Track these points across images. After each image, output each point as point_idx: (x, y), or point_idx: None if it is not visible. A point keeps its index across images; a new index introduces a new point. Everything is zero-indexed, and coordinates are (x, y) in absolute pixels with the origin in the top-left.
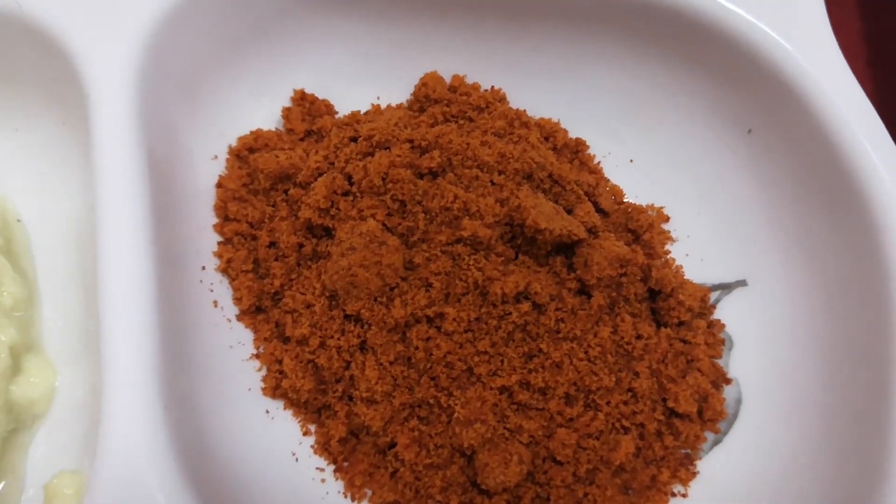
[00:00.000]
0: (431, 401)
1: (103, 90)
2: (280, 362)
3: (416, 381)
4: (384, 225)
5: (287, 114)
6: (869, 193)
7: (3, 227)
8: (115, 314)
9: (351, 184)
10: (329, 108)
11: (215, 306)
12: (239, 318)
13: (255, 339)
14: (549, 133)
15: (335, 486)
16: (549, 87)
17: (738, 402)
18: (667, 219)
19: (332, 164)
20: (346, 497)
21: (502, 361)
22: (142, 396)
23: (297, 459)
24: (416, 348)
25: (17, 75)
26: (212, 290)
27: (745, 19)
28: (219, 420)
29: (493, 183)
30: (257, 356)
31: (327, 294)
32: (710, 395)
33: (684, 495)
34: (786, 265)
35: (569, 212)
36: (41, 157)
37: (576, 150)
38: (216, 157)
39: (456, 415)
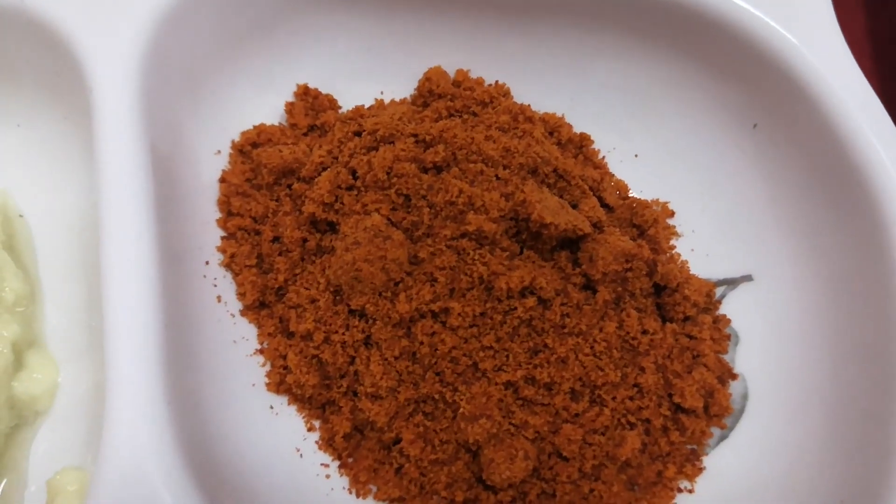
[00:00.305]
0: (436, 396)
1: (106, 85)
2: (284, 358)
3: (421, 377)
4: (388, 219)
5: (290, 109)
6: (875, 188)
7: (5, 222)
8: (119, 310)
9: (355, 178)
10: (332, 103)
11: (219, 301)
12: (243, 313)
13: (258, 335)
14: (554, 128)
15: (340, 482)
16: (553, 81)
17: (745, 397)
18: (672, 214)
19: (336, 158)
20: (350, 493)
21: (507, 356)
22: (146, 392)
23: (301, 455)
24: (421, 343)
25: (18, 70)
26: (215, 286)
27: (751, 13)
28: (223, 416)
29: (497, 177)
30: (261, 351)
31: (332, 289)
32: (716, 390)
33: (690, 491)
34: (792, 260)
35: (574, 206)
36: (43, 152)
37: (580, 145)
38: (219, 151)
39: (461, 410)
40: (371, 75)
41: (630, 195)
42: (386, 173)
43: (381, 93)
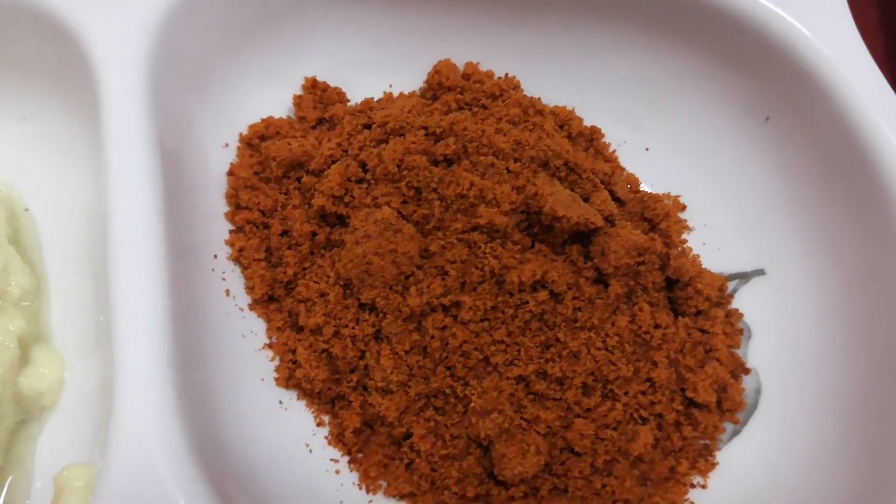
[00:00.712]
0: (447, 391)
1: (113, 78)
2: (293, 352)
3: (432, 371)
4: (399, 212)
5: (298, 102)
6: (889, 181)
7: (11, 216)
8: (127, 304)
9: (365, 171)
10: (341, 96)
11: (227, 295)
12: (251, 307)
13: (267, 329)
14: (564, 121)
15: (349, 477)
16: (563, 74)
17: (758, 392)
18: (683, 207)
19: (346, 151)
20: (360, 489)
21: (519, 351)
22: (154, 387)
23: (310, 451)
24: (432, 337)
25: (25, 63)
26: (224, 279)
27: (764, 6)
28: (231, 411)
29: (508, 170)
30: (270, 346)
31: (341, 283)
32: (729, 384)
33: (703, 486)
34: (804, 254)
35: (585, 200)
36: (49, 145)
37: (591, 139)
38: (227, 144)
39: (472, 405)
40: (380, 68)
41: (641, 189)
42: (396, 166)
43: (390, 86)
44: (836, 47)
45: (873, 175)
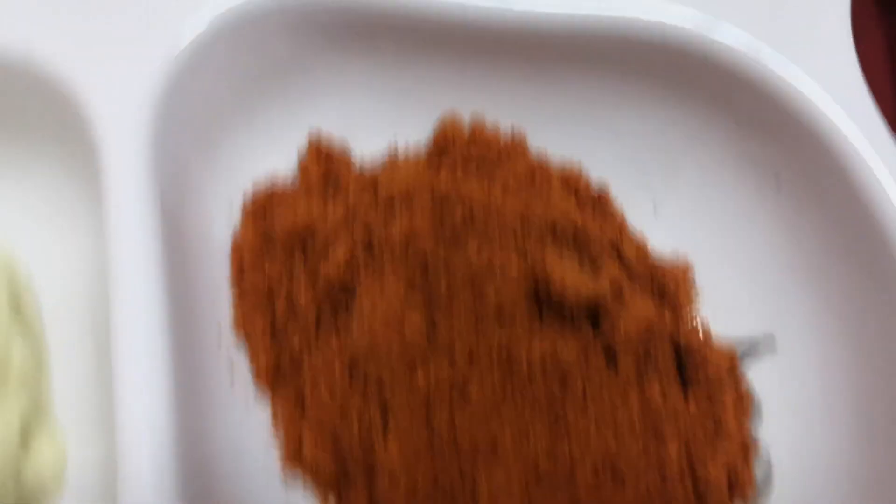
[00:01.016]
0: (455, 474)
1: (114, 139)
2: (298, 430)
3: (440, 453)
4: (406, 288)
5: (303, 167)
6: None
7: (11, 286)
8: (130, 377)
9: (371, 245)
10: (346, 161)
11: (232, 370)
12: (256, 382)
13: (272, 405)
14: (573, 184)
15: None
16: (568, 130)
17: (769, 471)
18: (692, 273)
19: (352, 221)
20: None
21: (528, 431)
22: (159, 465)
23: None
24: (440, 418)
25: (23, 125)
26: (227, 352)
27: (773, 72)
28: (237, 491)
29: (516, 240)
30: (275, 423)
31: (348, 359)
32: (740, 464)
33: None
34: (817, 324)
35: (594, 269)
36: (50, 210)
37: (599, 202)
38: (231, 208)
39: (481, 489)
40: (384, 121)
41: (649, 250)
42: (403, 240)
43: (395, 136)
44: (846, 107)
45: (886, 241)
